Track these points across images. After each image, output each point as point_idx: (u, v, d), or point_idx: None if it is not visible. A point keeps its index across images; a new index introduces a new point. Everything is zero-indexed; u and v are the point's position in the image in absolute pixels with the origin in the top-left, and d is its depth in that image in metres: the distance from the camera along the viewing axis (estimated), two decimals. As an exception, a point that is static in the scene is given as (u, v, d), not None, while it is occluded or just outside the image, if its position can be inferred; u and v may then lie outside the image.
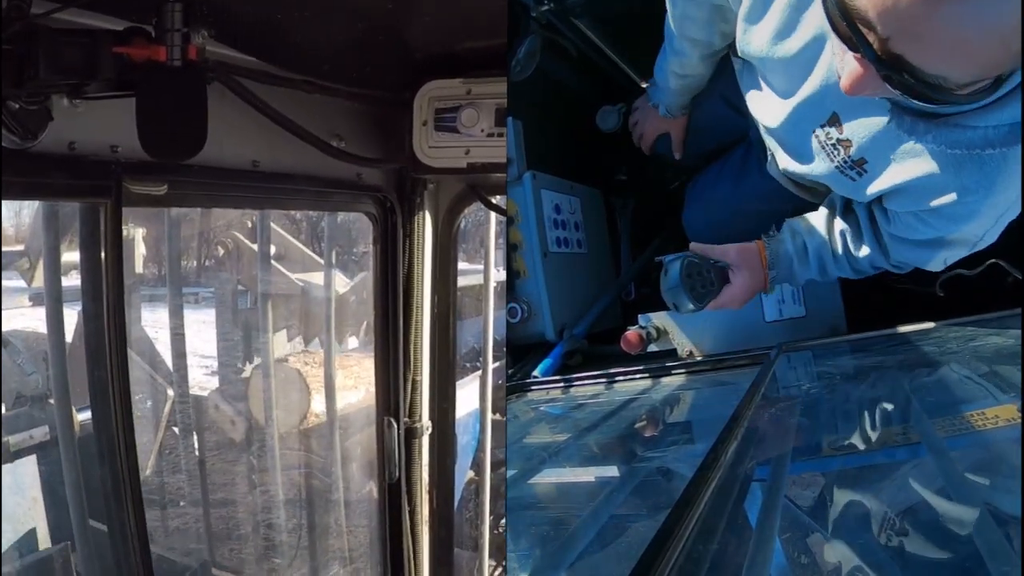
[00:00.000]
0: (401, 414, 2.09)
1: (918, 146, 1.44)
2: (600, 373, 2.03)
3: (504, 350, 2.34)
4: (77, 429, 2.75)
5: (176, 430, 4.54)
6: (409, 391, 2.10)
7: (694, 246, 1.83)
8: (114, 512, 1.54)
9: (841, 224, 1.75)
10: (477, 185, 2.03)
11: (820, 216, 1.80)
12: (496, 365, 2.93)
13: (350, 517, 4.51)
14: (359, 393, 4.51)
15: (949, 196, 1.46)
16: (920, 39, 1.07)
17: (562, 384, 2.03)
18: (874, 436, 1.29)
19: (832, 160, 1.60)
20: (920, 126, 1.38)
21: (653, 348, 2.04)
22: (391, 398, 2.09)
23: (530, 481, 1.42)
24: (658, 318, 2.04)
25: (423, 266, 2.07)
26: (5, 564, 3.31)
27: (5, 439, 3.37)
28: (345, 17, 1.50)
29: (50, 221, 2.80)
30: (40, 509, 3.47)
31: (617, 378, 1.98)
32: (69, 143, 1.29)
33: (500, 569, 3.08)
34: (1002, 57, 1.07)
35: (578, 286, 2.33)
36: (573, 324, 2.25)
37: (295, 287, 4.80)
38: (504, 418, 2.43)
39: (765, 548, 0.88)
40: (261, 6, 1.38)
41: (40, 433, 3.50)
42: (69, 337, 2.91)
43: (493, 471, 2.88)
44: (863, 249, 1.73)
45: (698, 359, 2.02)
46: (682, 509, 0.86)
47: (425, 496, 2.18)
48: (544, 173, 2.25)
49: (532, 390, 2.04)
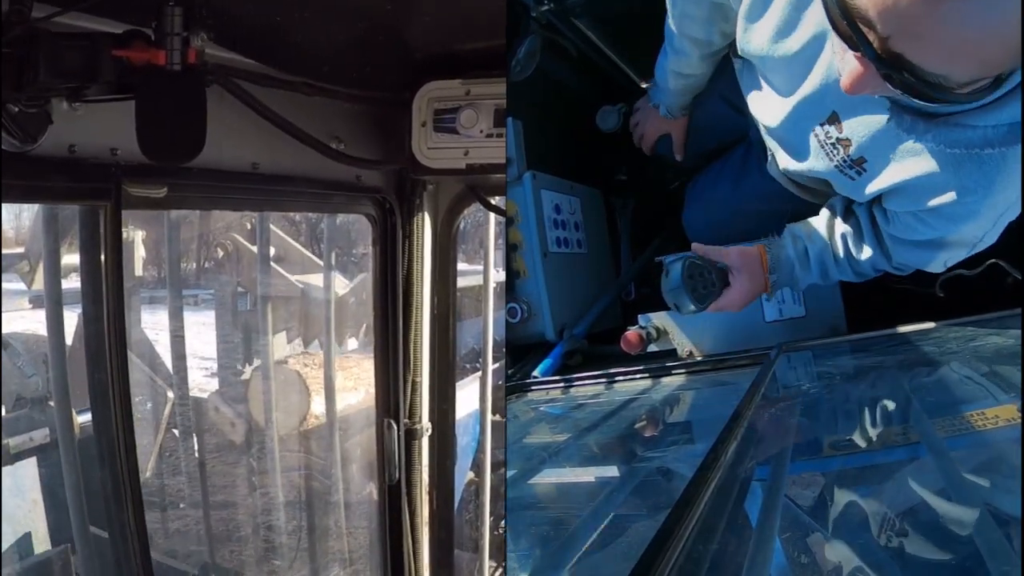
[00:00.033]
0: (401, 415, 2.09)
1: (917, 145, 1.44)
2: (600, 373, 2.03)
3: (504, 351, 2.34)
4: (77, 431, 2.76)
5: (176, 432, 4.54)
6: (409, 392, 2.10)
7: (696, 246, 1.83)
8: (114, 514, 1.54)
9: (842, 227, 1.75)
10: (476, 186, 2.03)
11: (821, 220, 1.80)
12: (496, 366, 2.94)
13: (350, 519, 4.51)
14: (359, 394, 4.51)
15: (948, 195, 1.46)
16: (920, 38, 1.08)
17: (562, 384, 2.03)
18: (874, 436, 1.29)
19: (831, 159, 1.60)
20: (920, 125, 1.38)
21: (653, 348, 2.04)
22: (391, 399, 2.09)
23: (530, 481, 1.42)
24: (658, 318, 2.04)
25: (422, 267, 2.07)
26: (5, 566, 3.31)
27: (5, 441, 3.37)
28: (344, 18, 1.50)
29: (50, 224, 2.80)
30: (40, 511, 3.47)
31: (617, 378, 1.98)
32: (69, 146, 1.30)
33: (500, 570, 3.08)
34: (1002, 56, 1.07)
35: (578, 286, 2.33)
36: (573, 324, 2.24)
37: (295, 289, 4.80)
38: (504, 419, 2.43)
39: (765, 548, 0.88)
40: (260, 8, 1.38)
41: (40, 435, 3.51)
42: (69, 339, 2.91)
43: (493, 472, 2.88)
44: (865, 251, 1.73)
45: (698, 359, 2.02)
46: (682, 509, 0.86)
47: (425, 497, 2.18)
48: (544, 173, 2.25)
49: (532, 390, 2.03)
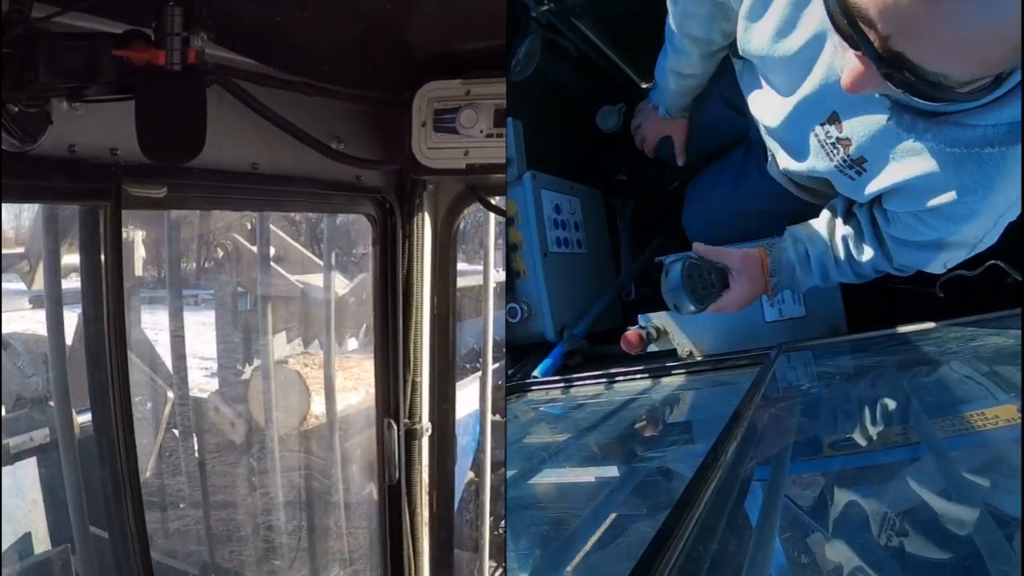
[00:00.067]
0: (401, 415, 2.09)
1: (917, 145, 1.44)
2: (600, 373, 2.03)
3: (504, 351, 2.34)
4: (77, 431, 2.76)
5: (176, 432, 4.54)
6: (409, 392, 2.10)
7: (698, 246, 1.82)
8: (114, 514, 1.54)
9: (843, 229, 1.75)
10: (476, 186, 2.03)
11: (822, 222, 1.80)
12: (496, 366, 2.94)
13: (350, 519, 4.51)
14: (359, 395, 4.51)
15: (948, 195, 1.46)
16: (920, 37, 1.08)
17: (562, 384, 2.03)
18: (874, 436, 1.29)
19: (832, 159, 1.60)
20: (920, 124, 1.38)
21: (653, 348, 2.04)
22: (391, 399, 2.09)
23: (530, 481, 1.42)
24: (658, 318, 2.04)
25: (422, 267, 2.06)
26: (5, 566, 3.31)
27: (5, 441, 3.37)
28: (344, 18, 1.50)
29: (50, 224, 2.81)
30: (40, 511, 3.48)
31: (617, 378, 1.98)
32: (69, 146, 1.30)
33: (500, 570, 3.08)
34: (1002, 55, 1.08)
35: (578, 286, 2.33)
36: (573, 324, 2.24)
37: (295, 289, 4.80)
38: (504, 419, 2.43)
39: (765, 548, 0.88)
40: (260, 8, 1.38)
41: (40, 435, 3.51)
42: (69, 339, 2.91)
43: (493, 472, 2.88)
44: (866, 253, 1.73)
45: (698, 359, 2.02)
46: (682, 509, 0.86)
47: (425, 497, 2.18)
48: (544, 173, 2.25)
49: (532, 390, 2.03)
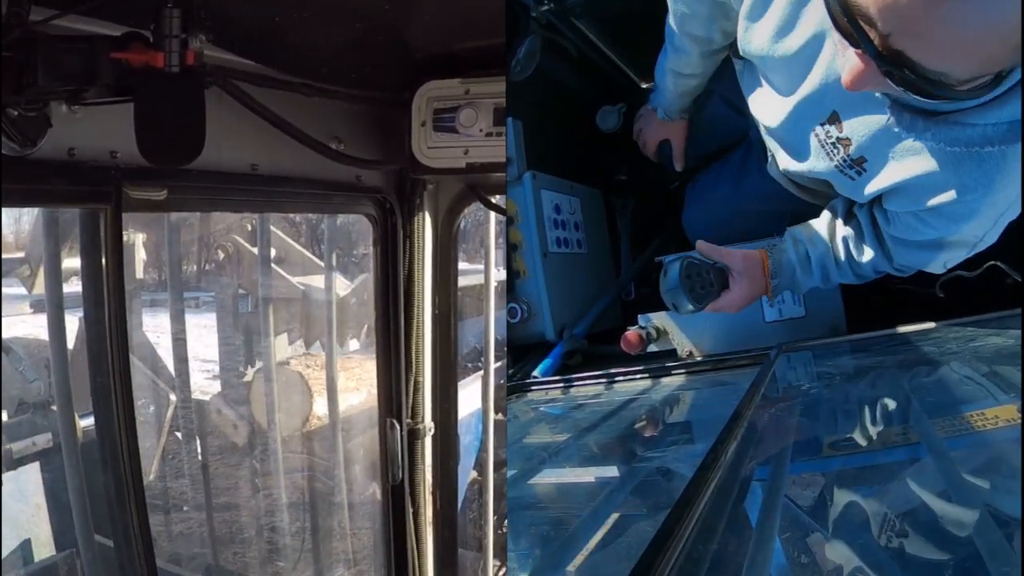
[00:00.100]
0: (403, 415, 2.09)
1: (917, 144, 1.44)
2: (600, 373, 2.03)
3: (505, 350, 2.34)
4: (80, 435, 2.76)
5: (179, 435, 4.55)
6: (411, 392, 2.10)
7: (701, 244, 1.82)
8: (118, 518, 1.54)
9: (844, 230, 1.75)
10: (476, 185, 2.03)
11: (822, 223, 1.80)
12: (498, 365, 2.93)
13: (354, 519, 4.52)
14: (361, 395, 4.51)
15: (948, 194, 1.46)
16: (920, 37, 1.08)
17: (562, 384, 2.03)
18: (874, 436, 1.29)
19: (832, 159, 1.60)
20: (919, 123, 1.38)
21: (653, 348, 2.04)
22: (393, 399, 2.09)
23: (530, 481, 1.42)
24: (658, 318, 2.04)
25: (423, 267, 2.06)
26: (10, 571, 3.32)
27: (8, 446, 3.37)
28: (344, 18, 1.50)
29: (50, 227, 2.81)
30: (44, 516, 3.48)
31: (617, 378, 1.98)
32: (68, 149, 1.30)
33: (504, 569, 3.07)
34: (1002, 54, 1.08)
35: (578, 286, 2.33)
36: (573, 324, 2.24)
37: (296, 290, 4.81)
38: (506, 418, 2.43)
39: (765, 548, 0.88)
40: (259, 9, 1.38)
41: (43, 440, 3.51)
42: (71, 343, 2.92)
43: (496, 471, 2.88)
44: (866, 253, 1.72)
45: (698, 359, 2.02)
46: (682, 509, 0.86)
47: (428, 497, 2.18)
48: (544, 173, 2.25)
49: (532, 390, 2.03)
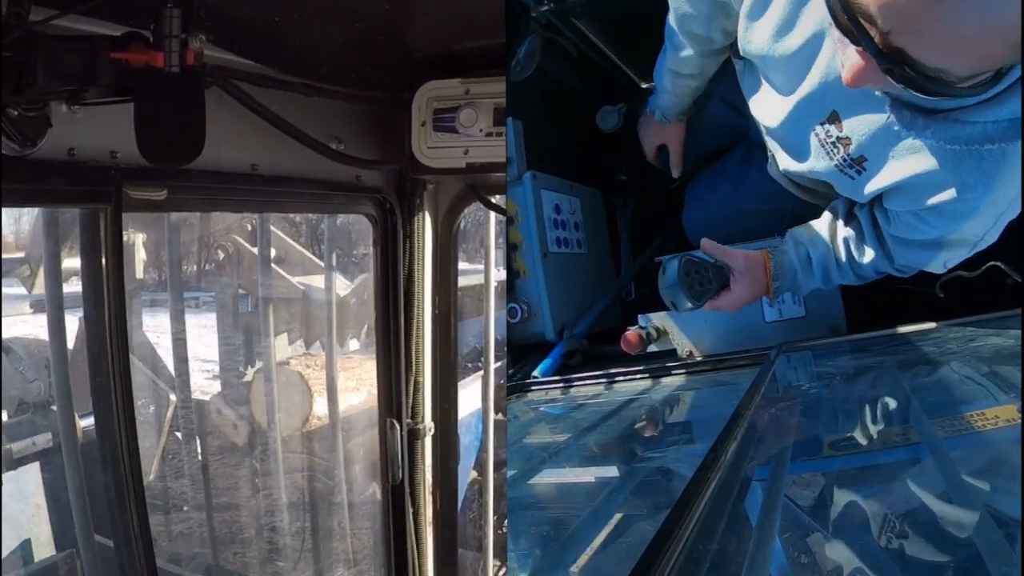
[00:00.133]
0: (403, 415, 2.09)
1: (917, 142, 1.44)
2: (600, 373, 2.03)
3: (505, 350, 2.34)
4: (80, 435, 2.76)
5: (179, 435, 4.55)
6: (411, 392, 2.10)
7: (706, 243, 1.82)
8: (118, 517, 1.54)
9: (844, 231, 1.75)
10: (476, 185, 2.03)
11: (823, 224, 1.80)
12: (498, 365, 2.93)
13: (354, 519, 4.51)
14: (361, 395, 4.51)
15: (948, 193, 1.46)
16: (920, 35, 1.08)
17: (562, 384, 2.03)
18: (874, 436, 1.29)
19: (832, 158, 1.60)
20: (919, 121, 1.38)
21: (653, 348, 2.04)
22: (393, 399, 2.09)
23: (530, 481, 1.42)
24: (658, 318, 2.04)
25: (423, 267, 2.06)
26: (10, 571, 3.32)
27: (8, 446, 3.37)
28: (343, 18, 1.50)
29: (50, 227, 2.81)
30: (44, 516, 3.48)
31: (617, 378, 1.98)
32: (68, 149, 1.30)
33: (504, 569, 3.07)
34: (1002, 51, 1.08)
35: (578, 286, 2.33)
36: (573, 324, 2.24)
37: (296, 290, 4.81)
38: (506, 418, 2.43)
39: (765, 548, 0.88)
40: (259, 9, 1.38)
41: (43, 440, 3.51)
42: (71, 343, 2.92)
43: (496, 471, 2.88)
44: (867, 254, 1.72)
45: (698, 359, 2.02)
46: (682, 509, 0.86)
47: (428, 497, 2.18)
48: (544, 173, 2.25)
49: (532, 390, 2.04)
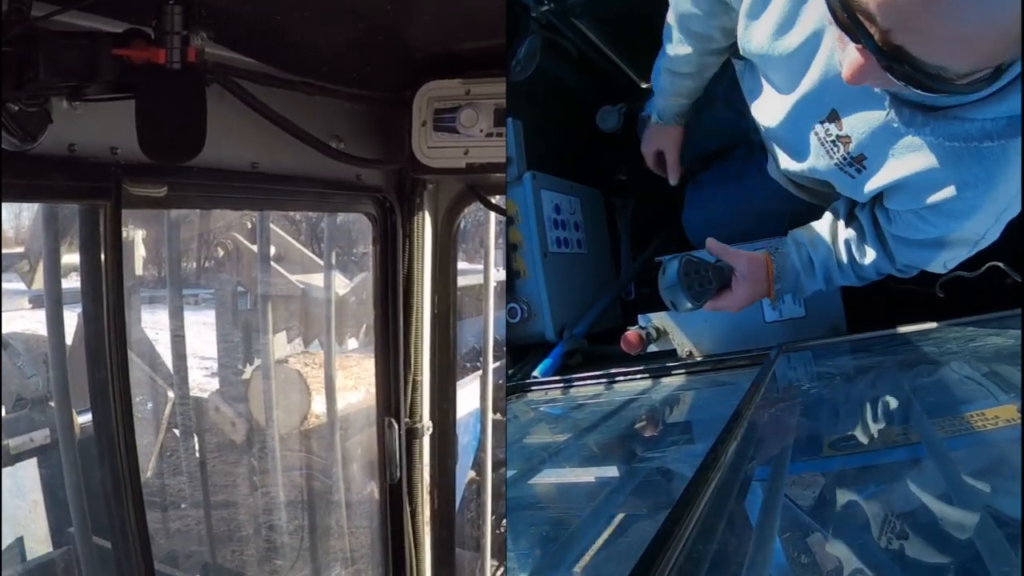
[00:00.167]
0: (402, 414, 2.09)
1: (916, 140, 1.44)
2: (600, 373, 2.03)
3: (504, 349, 2.34)
4: (77, 431, 2.75)
5: (177, 432, 4.54)
6: (409, 391, 2.09)
7: (711, 242, 1.82)
8: (115, 514, 1.54)
9: (846, 232, 1.75)
10: (476, 185, 2.03)
11: (824, 225, 1.80)
12: (497, 365, 2.93)
13: (351, 518, 4.51)
14: (359, 394, 4.51)
15: (948, 191, 1.46)
16: (920, 32, 1.08)
17: (562, 384, 2.03)
18: (874, 436, 1.29)
19: (832, 157, 1.60)
20: (919, 119, 1.38)
21: (653, 348, 2.04)
22: (391, 399, 2.09)
23: (530, 481, 1.42)
24: (658, 318, 2.04)
25: (423, 266, 2.06)
26: (8, 567, 3.31)
27: (5, 442, 3.37)
28: (344, 17, 1.50)
29: (50, 223, 2.80)
30: (41, 512, 3.48)
31: (617, 378, 1.98)
32: (69, 145, 1.29)
33: (502, 569, 3.07)
34: (1002, 48, 1.08)
35: (578, 286, 2.33)
36: (573, 324, 2.24)
37: (295, 288, 4.80)
38: (505, 418, 2.43)
39: (765, 548, 0.88)
40: (260, 7, 1.38)
41: (41, 436, 3.51)
42: (69, 339, 2.91)
43: (494, 471, 2.88)
44: (868, 255, 1.72)
45: (698, 359, 2.02)
46: (682, 509, 0.86)
47: (426, 496, 2.18)
48: (544, 173, 2.25)
49: (532, 390, 2.04)
